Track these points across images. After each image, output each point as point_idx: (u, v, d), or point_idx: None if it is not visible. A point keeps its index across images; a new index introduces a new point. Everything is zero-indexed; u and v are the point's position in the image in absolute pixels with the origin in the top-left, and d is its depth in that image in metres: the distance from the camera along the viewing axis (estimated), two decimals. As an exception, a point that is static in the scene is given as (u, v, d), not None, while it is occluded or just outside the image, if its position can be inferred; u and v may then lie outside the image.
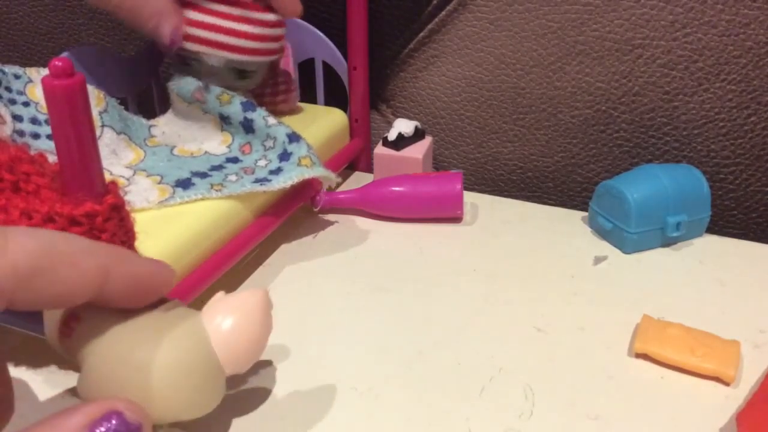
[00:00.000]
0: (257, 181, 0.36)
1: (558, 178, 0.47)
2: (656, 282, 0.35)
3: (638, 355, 0.30)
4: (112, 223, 0.24)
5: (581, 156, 0.45)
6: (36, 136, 0.35)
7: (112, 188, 0.25)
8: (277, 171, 0.36)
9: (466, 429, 0.26)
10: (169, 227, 0.32)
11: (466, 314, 0.33)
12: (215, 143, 0.40)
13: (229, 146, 0.39)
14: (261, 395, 0.28)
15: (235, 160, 0.38)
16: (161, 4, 0.35)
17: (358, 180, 0.47)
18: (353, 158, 0.47)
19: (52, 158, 0.24)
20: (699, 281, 0.35)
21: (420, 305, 0.34)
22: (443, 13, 0.45)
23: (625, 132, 0.43)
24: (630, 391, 0.28)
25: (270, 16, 0.38)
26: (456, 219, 0.42)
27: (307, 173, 0.36)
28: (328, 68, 0.46)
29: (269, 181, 0.35)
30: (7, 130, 0.34)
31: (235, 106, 0.38)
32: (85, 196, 0.24)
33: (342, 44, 0.44)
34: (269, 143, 0.38)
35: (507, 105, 0.46)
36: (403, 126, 0.44)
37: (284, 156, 0.37)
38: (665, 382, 0.28)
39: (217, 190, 0.34)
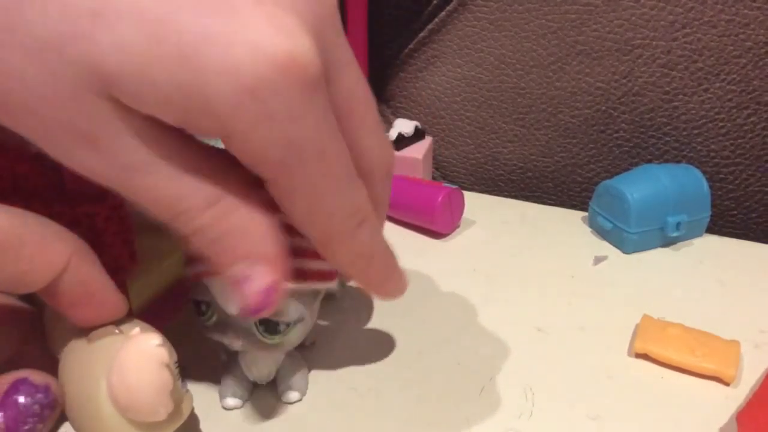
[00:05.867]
0: None
1: (558, 178, 0.47)
2: (656, 282, 0.35)
3: (638, 355, 0.30)
4: (113, 222, 0.24)
5: (581, 156, 0.45)
6: None
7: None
8: None
9: (466, 429, 0.26)
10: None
11: (466, 314, 0.33)
12: None
13: None
14: (261, 395, 0.28)
15: None
16: (266, 244, 0.20)
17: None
18: (353, 158, 0.47)
19: None
20: (699, 281, 0.35)
21: (420, 305, 0.34)
22: (443, 13, 0.45)
23: (625, 132, 0.43)
24: (630, 391, 0.28)
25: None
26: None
27: None
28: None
29: None
30: None
31: None
32: (86, 196, 0.24)
33: (342, 44, 0.44)
34: None
35: (507, 105, 0.46)
36: (403, 126, 0.44)
37: None
38: (665, 382, 0.28)
39: None
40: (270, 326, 0.24)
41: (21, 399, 0.19)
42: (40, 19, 0.16)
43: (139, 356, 0.20)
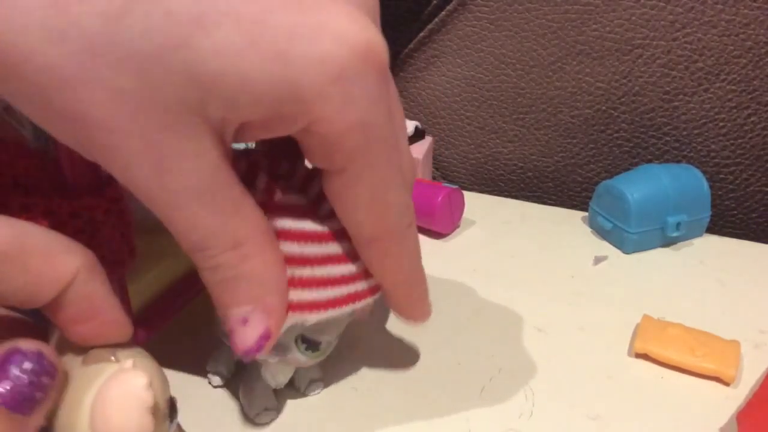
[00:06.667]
0: None
1: (558, 178, 0.47)
2: (656, 282, 0.35)
3: (638, 355, 0.30)
4: (112, 216, 0.24)
5: (581, 156, 0.45)
6: None
7: (112, 181, 0.25)
8: None
9: (466, 429, 0.26)
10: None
11: (466, 314, 0.33)
12: None
13: None
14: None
15: None
16: (272, 295, 0.21)
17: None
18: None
19: None
20: (699, 281, 0.35)
21: (420, 305, 0.34)
22: (443, 13, 0.45)
23: (625, 132, 0.43)
24: (630, 391, 0.28)
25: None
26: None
27: None
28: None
29: None
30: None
31: None
32: (85, 189, 0.24)
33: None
34: None
35: (507, 105, 0.46)
36: (403, 126, 0.44)
37: None
38: (665, 382, 0.28)
39: None
40: (312, 344, 0.25)
41: (13, 371, 0.18)
42: (143, 29, 0.16)
43: (123, 396, 0.20)
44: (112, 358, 0.21)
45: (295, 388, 0.28)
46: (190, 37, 0.17)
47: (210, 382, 0.28)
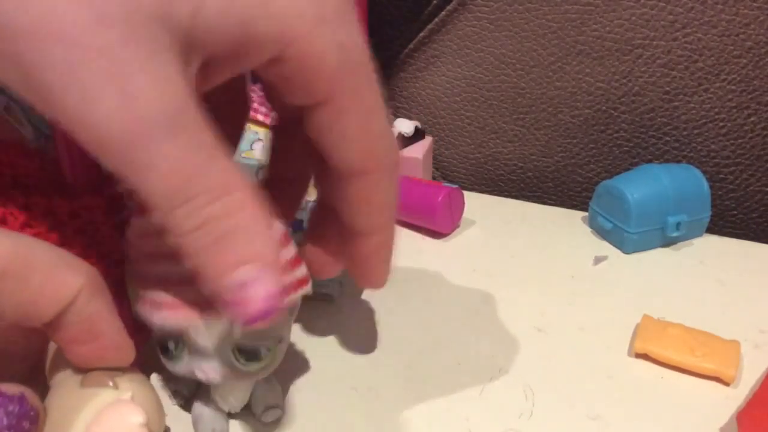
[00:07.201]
0: None
1: (558, 178, 0.47)
2: (656, 282, 0.35)
3: (638, 355, 0.30)
4: (112, 215, 0.24)
5: (581, 156, 0.45)
6: None
7: (111, 180, 0.25)
8: None
9: (466, 429, 0.26)
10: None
11: (466, 314, 0.33)
12: None
13: None
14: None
15: None
16: (271, 250, 0.19)
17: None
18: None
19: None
20: (699, 281, 0.35)
21: (420, 305, 0.34)
22: (443, 13, 0.45)
23: (625, 132, 0.43)
24: (630, 391, 0.28)
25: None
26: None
27: None
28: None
29: None
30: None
31: None
32: (85, 189, 0.24)
33: (342, 44, 0.44)
34: None
35: (507, 105, 0.46)
36: (403, 126, 0.44)
37: None
38: (665, 382, 0.28)
39: None
40: (251, 354, 0.23)
41: None
42: None
43: (117, 429, 0.19)
44: (110, 383, 0.20)
45: (251, 413, 0.26)
46: None
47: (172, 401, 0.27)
